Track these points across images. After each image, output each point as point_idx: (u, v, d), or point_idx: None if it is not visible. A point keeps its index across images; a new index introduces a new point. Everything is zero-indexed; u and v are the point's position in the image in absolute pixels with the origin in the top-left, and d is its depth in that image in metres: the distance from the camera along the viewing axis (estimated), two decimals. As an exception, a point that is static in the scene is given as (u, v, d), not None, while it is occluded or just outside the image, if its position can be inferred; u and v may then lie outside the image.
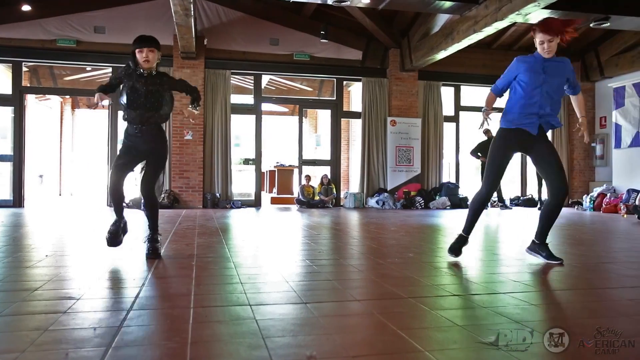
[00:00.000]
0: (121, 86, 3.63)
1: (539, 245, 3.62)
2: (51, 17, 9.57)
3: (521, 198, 11.72)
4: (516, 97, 3.55)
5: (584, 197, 10.68)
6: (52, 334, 1.87)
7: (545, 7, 7.27)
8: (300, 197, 10.55)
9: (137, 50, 3.58)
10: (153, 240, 3.69)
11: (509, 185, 11.85)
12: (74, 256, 3.86)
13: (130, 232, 4.01)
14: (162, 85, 3.64)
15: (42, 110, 14.73)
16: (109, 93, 3.62)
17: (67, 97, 15.63)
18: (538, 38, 3.44)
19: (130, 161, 3.72)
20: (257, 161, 10.76)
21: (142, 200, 3.75)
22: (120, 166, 3.68)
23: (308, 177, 10.78)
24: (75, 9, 9.67)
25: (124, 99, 3.58)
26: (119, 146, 3.87)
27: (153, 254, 3.63)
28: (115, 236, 3.75)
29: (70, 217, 7.48)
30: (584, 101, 3.75)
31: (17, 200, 9.60)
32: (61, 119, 15.78)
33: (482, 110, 3.64)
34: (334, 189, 10.79)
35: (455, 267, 3.44)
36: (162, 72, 3.79)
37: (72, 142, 16.49)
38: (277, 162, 13.10)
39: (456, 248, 3.71)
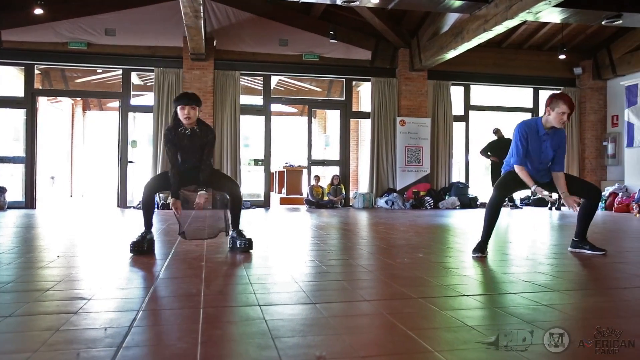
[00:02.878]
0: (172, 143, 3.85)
1: (581, 241, 4.00)
2: (63, 20, 9.65)
3: (531, 198, 11.63)
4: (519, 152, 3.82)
5: (596, 196, 10.56)
6: (64, 334, 1.88)
7: (556, 5, 7.20)
8: (310, 197, 10.55)
9: (179, 108, 3.73)
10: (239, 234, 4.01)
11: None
12: (85, 257, 3.89)
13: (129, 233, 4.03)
14: (206, 137, 3.85)
15: (53, 112, 14.87)
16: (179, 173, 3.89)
17: (78, 99, 15.77)
18: (560, 109, 3.67)
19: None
20: (266, 162, 10.78)
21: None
22: (163, 177, 3.94)
23: (317, 178, 10.78)
24: (86, 11, 9.75)
25: (177, 156, 3.86)
26: (129, 147, 4.00)
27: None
28: (137, 245, 3.79)
29: (81, 218, 7.54)
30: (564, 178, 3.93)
31: (29, 201, 9.70)
32: (72, 120, 15.91)
33: (533, 189, 3.83)
34: (343, 189, 10.78)
35: (465, 268, 3.42)
36: (205, 124, 3.93)
37: (83, 144, 16.64)
38: (286, 163, 13.10)
39: (479, 249, 3.80)
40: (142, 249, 3.78)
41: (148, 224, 3.92)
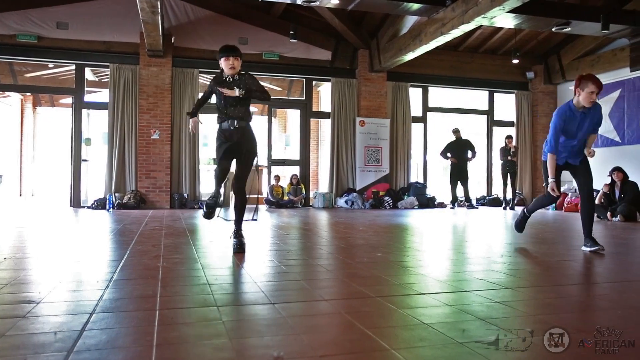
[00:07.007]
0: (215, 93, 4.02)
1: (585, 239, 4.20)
2: (10, 12, 9.26)
3: (487, 198, 11.97)
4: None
5: (547, 196, 10.95)
6: (10, 339, 1.80)
7: (510, 11, 7.45)
8: (269, 197, 10.51)
9: (223, 59, 3.96)
10: (239, 235, 4.06)
11: (476, 185, 12.08)
12: (35, 259, 3.74)
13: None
14: (246, 83, 4.03)
15: (1, 107, 14.24)
16: (202, 106, 4.25)
17: (28, 94, 15.14)
18: (589, 89, 3.87)
19: (230, 157, 4.08)
20: (225, 161, 10.65)
21: (232, 197, 4.25)
22: (225, 160, 4.07)
23: (277, 177, 10.75)
24: (36, 3, 9.39)
25: (221, 102, 3.99)
26: (83, 145, 3.94)
27: (240, 249, 3.96)
28: (211, 211, 4.15)
29: (31, 218, 7.25)
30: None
31: (-25, 201, 9.26)
32: (22, 117, 15.27)
33: (549, 181, 4.16)
34: (303, 189, 10.79)
35: (423, 266, 3.48)
36: (243, 72, 4.11)
37: (34, 141, 15.99)
38: (246, 162, 12.98)
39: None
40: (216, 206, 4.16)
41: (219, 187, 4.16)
